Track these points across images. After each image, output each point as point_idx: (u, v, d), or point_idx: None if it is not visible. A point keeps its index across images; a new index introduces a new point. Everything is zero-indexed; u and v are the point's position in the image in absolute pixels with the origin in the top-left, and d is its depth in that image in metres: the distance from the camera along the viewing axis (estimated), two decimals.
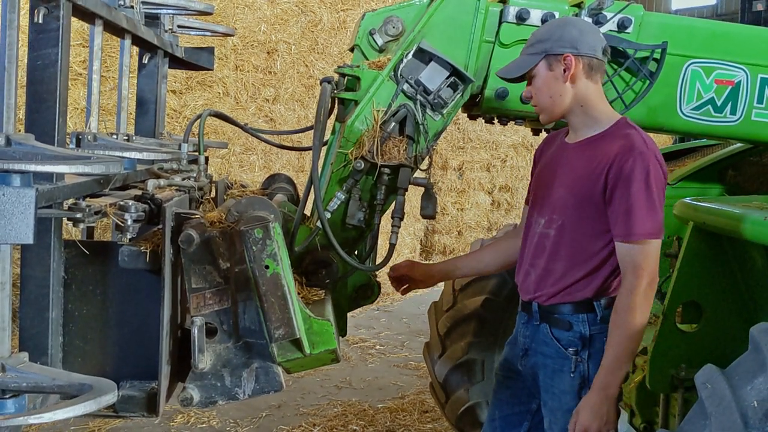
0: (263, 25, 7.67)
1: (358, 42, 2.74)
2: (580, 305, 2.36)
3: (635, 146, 2.25)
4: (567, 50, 2.31)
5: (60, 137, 1.90)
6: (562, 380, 2.37)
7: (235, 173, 7.42)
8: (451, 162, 10.15)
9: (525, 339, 2.52)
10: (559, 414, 2.38)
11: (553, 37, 2.32)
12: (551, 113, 2.40)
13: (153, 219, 2.07)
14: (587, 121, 2.39)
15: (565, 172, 2.40)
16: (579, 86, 2.35)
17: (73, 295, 2.09)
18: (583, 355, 2.35)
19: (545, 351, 2.43)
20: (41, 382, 1.67)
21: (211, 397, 2.12)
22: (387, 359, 6.11)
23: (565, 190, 2.37)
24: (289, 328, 2.03)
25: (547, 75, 2.34)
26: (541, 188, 2.50)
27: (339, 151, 2.59)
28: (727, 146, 3.78)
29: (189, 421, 4.61)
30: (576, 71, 2.32)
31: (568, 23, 2.38)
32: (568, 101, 2.36)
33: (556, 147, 2.51)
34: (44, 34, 1.87)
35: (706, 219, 2.58)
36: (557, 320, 2.39)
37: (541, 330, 2.44)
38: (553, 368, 2.40)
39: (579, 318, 2.36)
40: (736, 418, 1.81)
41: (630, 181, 2.22)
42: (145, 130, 2.93)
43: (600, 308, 2.35)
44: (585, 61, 2.33)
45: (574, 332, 2.37)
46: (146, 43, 2.70)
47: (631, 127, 2.35)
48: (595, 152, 2.32)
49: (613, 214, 2.27)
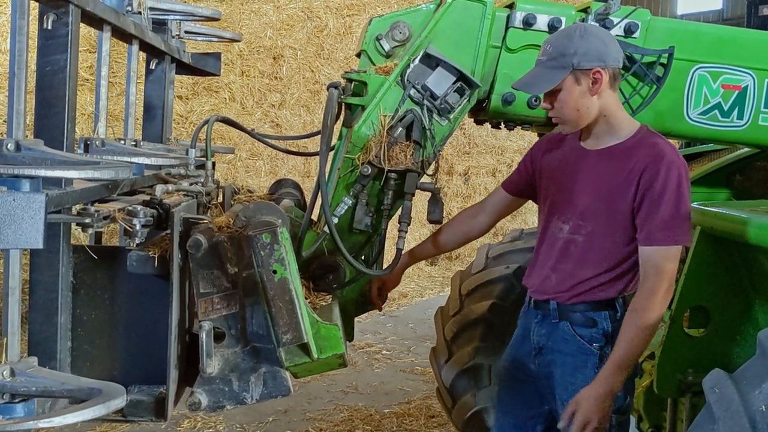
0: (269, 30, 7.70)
1: (364, 47, 2.75)
2: (603, 303, 2.40)
3: (665, 155, 2.28)
4: (595, 64, 2.28)
5: (69, 143, 1.91)
6: (585, 376, 2.36)
7: (241, 178, 7.44)
8: (456, 167, 10.15)
9: (539, 337, 2.51)
10: None
11: (579, 51, 2.27)
12: (576, 125, 2.40)
13: (161, 224, 2.08)
14: (609, 130, 2.39)
15: (590, 179, 2.40)
16: (604, 98, 2.34)
17: (82, 299, 2.10)
18: (606, 350, 2.37)
19: (564, 349, 2.43)
20: (50, 387, 1.68)
21: (219, 402, 2.13)
22: (393, 364, 6.10)
23: (592, 197, 2.38)
24: (296, 332, 2.03)
25: (574, 89, 2.31)
26: (560, 193, 2.48)
27: (346, 156, 2.59)
28: (734, 151, 3.77)
29: (196, 426, 4.62)
30: (603, 85, 2.31)
31: (590, 34, 2.32)
32: (594, 113, 2.36)
33: (571, 151, 2.49)
34: (53, 40, 1.88)
35: (714, 224, 2.57)
36: (580, 318, 2.41)
37: (560, 328, 2.44)
38: (574, 365, 2.41)
39: (602, 315, 2.40)
40: (745, 422, 1.80)
41: (662, 189, 2.25)
42: (153, 136, 2.94)
43: (620, 307, 2.40)
44: (610, 73, 2.33)
45: (598, 329, 2.39)
46: (154, 48, 2.71)
47: (656, 135, 2.38)
48: (624, 162, 2.33)
49: (642, 220, 2.29)
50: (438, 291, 8.59)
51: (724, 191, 3.64)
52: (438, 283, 9.05)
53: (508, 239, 4.11)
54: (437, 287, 8.79)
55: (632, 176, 2.30)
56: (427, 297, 8.41)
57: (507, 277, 3.76)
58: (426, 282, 9.08)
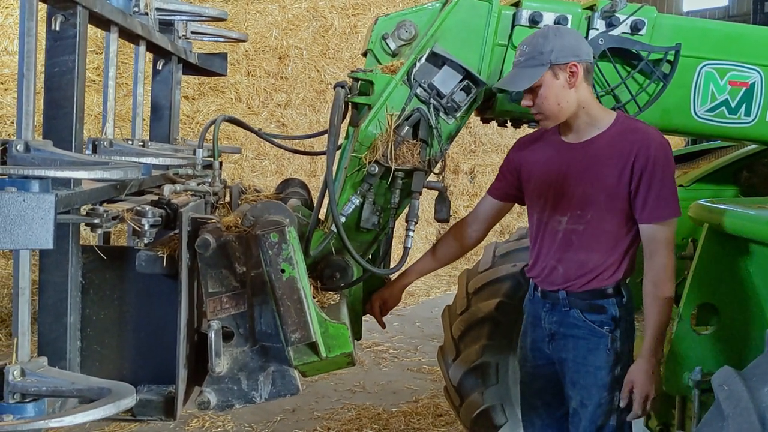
0: (275, 30, 7.71)
1: (371, 46, 2.75)
2: (610, 290, 2.53)
3: (652, 137, 2.46)
4: (571, 59, 2.42)
5: (77, 143, 1.92)
6: (598, 356, 2.53)
7: (247, 178, 7.45)
8: (462, 166, 10.15)
9: (551, 325, 2.64)
10: (594, 390, 2.52)
11: (555, 48, 2.41)
12: (557, 119, 2.52)
13: (169, 224, 2.09)
14: (590, 121, 2.52)
15: (582, 170, 2.51)
16: (580, 90, 2.48)
17: (91, 299, 2.11)
18: (616, 334, 2.53)
19: (576, 333, 2.57)
20: (60, 386, 1.69)
21: (228, 401, 2.13)
22: (401, 363, 6.10)
23: (588, 187, 2.49)
24: (305, 331, 2.04)
25: (553, 84, 2.44)
26: (553, 188, 2.58)
27: (353, 156, 2.59)
28: (741, 148, 3.76)
29: (204, 425, 4.63)
30: (579, 78, 2.44)
31: (563, 32, 2.47)
32: (573, 106, 2.49)
33: (555, 148, 2.60)
34: (61, 41, 1.89)
35: (722, 221, 2.57)
36: (590, 305, 2.55)
37: (571, 315, 2.58)
38: (587, 347, 2.54)
39: (610, 302, 2.54)
40: (754, 419, 1.80)
41: (656, 169, 2.42)
42: (160, 136, 2.95)
43: (626, 291, 2.56)
44: (584, 66, 2.45)
45: (608, 315, 2.53)
46: (160, 49, 2.72)
47: (635, 121, 2.57)
48: (613, 148, 2.47)
49: (642, 200, 2.44)
50: (445, 290, 8.59)
51: (731, 188, 3.63)
52: (444, 281, 9.05)
53: (514, 237, 4.10)
54: (444, 286, 8.78)
55: (625, 160, 2.44)
56: (434, 296, 8.41)
57: (514, 276, 3.75)
58: (432, 281, 9.08)
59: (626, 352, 2.56)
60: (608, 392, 2.53)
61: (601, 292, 2.53)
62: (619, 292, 2.55)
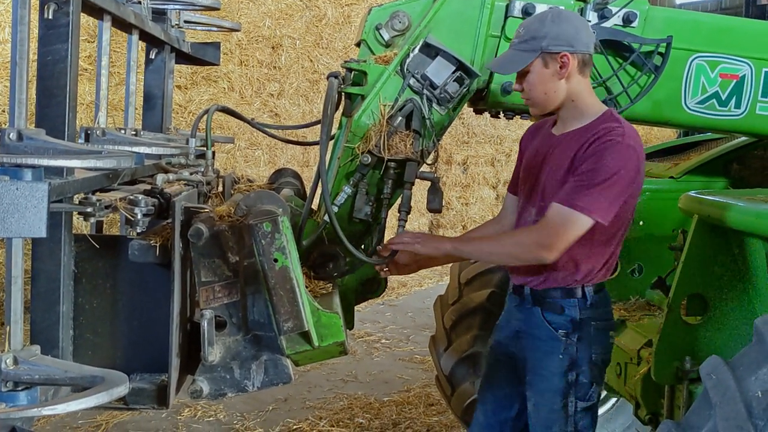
0: (268, 20, 7.68)
1: (364, 37, 2.74)
2: (571, 290, 2.44)
3: (613, 135, 2.29)
4: (563, 48, 2.33)
5: (70, 132, 1.92)
6: (552, 362, 2.45)
7: (240, 168, 7.44)
8: (455, 157, 10.16)
9: (517, 321, 2.58)
10: (548, 395, 2.46)
11: (549, 34, 2.33)
12: (544, 108, 2.46)
13: (162, 213, 2.09)
14: (576, 114, 2.43)
15: (552, 163, 2.44)
16: (572, 82, 2.39)
17: (84, 288, 2.11)
18: (573, 337, 2.43)
19: (537, 333, 2.50)
20: (53, 375, 1.69)
21: (221, 390, 2.14)
22: (392, 353, 6.13)
23: (553, 179, 2.41)
24: (297, 320, 2.05)
25: (542, 72, 2.37)
26: (529, 178, 2.54)
27: (346, 146, 2.60)
28: (732, 140, 3.78)
29: (196, 415, 4.64)
30: (571, 69, 2.36)
31: (562, 19, 2.37)
32: (561, 97, 2.41)
33: (542, 137, 2.55)
34: (54, 29, 1.88)
35: (711, 212, 2.59)
36: (549, 304, 2.47)
37: (534, 313, 2.50)
38: (544, 350, 2.47)
39: (570, 302, 2.44)
40: (741, 408, 1.82)
41: (587, 158, 2.28)
42: (152, 125, 2.94)
43: (590, 294, 2.44)
44: (579, 58, 2.37)
45: (566, 316, 2.44)
46: (153, 38, 2.71)
47: (615, 119, 2.38)
48: (578, 141, 2.37)
49: (568, 183, 2.30)
50: (437, 280, 8.61)
51: (721, 180, 3.65)
52: (437, 272, 9.06)
53: None
54: (436, 276, 8.80)
55: (575, 152, 2.34)
56: (426, 286, 8.43)
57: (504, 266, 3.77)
58: (425, 271, 9.05)
59: (586, 358, 2.43)
60: (561, 398, 2.43)
61: (561, 291, 2.44)
62: (582, 294, 2.43)
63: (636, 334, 3.16)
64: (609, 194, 2.26)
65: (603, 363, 2.50)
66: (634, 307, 3.46)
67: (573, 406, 2.43)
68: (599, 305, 2.46)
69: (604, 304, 2.50)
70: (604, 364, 2.51)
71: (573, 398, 2.43)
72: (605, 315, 2.50)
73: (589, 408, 2.47)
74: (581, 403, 2.44)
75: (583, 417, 2.45)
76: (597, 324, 2.45)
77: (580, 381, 2.43)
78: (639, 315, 3.35)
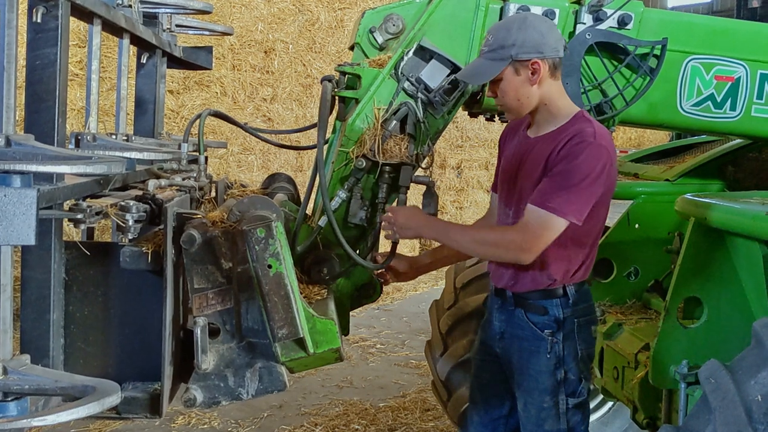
0: (260, 24, 7.66)
1: (358, 40, 2.73)
2: (553, 291, 2.45)
3: (584, 137, 2.31)
4: (533, 55, 2.34)
5: (60, 137, 1.89)
6: (538, 361, 2.46)
7: (233, 173, 7.41)
8: (449, 161, 10.15)
9: (500, 323, 2.59)
10: (535, 394, 2.47)
11: (517, 42, 2.33)
12: (518, 113, 2.47)
13: (154, 219, 2.07)
14: (549, 117, 2.44)
15: (528, 166, 2.45)
16: (544, 87, 2.40)
17: (75, 296, 2.08)
18: (558, 336, 2.45)
19: (520, 334, 2.51)
20: (44, 384, 1.66)
21: (215, 398, 2.12)
22: (388, 358, 6.10)
23: (528, 182, 2.42)
24: (292, 327, 2.02)
25: (514, 79, 2.38)
26: (506, 181, 2.56)
27: (340, 150, 2.58)
28: (726, 142, 3.77)
29: (190, 423, 4.60)
30: (543, 75, 2.37)
31: (528, 25, 2.37)
32: (535, 102, 2.42)
33: (519, 140, 2.56)
34: (43, 33, 1.86)
35: (708, 215, 2.58)
36: (532, 306, 2.48)
37: (517, 314, 2.52)
38: (530, 350, 2.48)
39: (553, 303, 2.46)
40: (741, 412, 1.81)
41: (561, 160, 2.30)
42: (144, 131, 2.92)
43: (572, 293, 2.46)
44: (549, 63, 2.38)
45: (549, 316, 2.46)
46: (145, 42, 2.69)
47: (586, 121, 2.40)
48: (551, 143, 2.38)
49: (542, 184, 2.32)
50: (432, 284, 8.59)
51: (716, 182, 3.64)
52: (432, 276, 9.03)
53: None
54: (431, 280, 8.78)
55: (548, 155, 2.35)
56: (421, 290, 8.41)
57: None
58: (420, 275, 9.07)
59: (572, 355, 2.45)
60: (551, 396, 2.45)
61: (542, 293, 2.45)
62: (564, 293, 2.45)
63: (633, 337, 3.14)
64: (582, 195, 2.28)
65: (589, 358, 2.53)
66: (630, 311, 3.45)
67: (564, 404, 2.46)
68: (581, 302, 2.49)
69: (585, 300, 2.52)
70: (590, 359, 2.54)
71: (563, 396, 2.46)
72: (587, 311, 2.52)
73: (579, 404, 2.48)
74: (572, 400, 2.47)
75: (574, 413, 2.47)
76: (580, 320, 2.48)
77: (568, 378, 2.46)
78: (636, 318, 3.34)
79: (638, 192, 3.54)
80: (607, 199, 2.43)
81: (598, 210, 2.39)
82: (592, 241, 2.47)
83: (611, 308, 3.45)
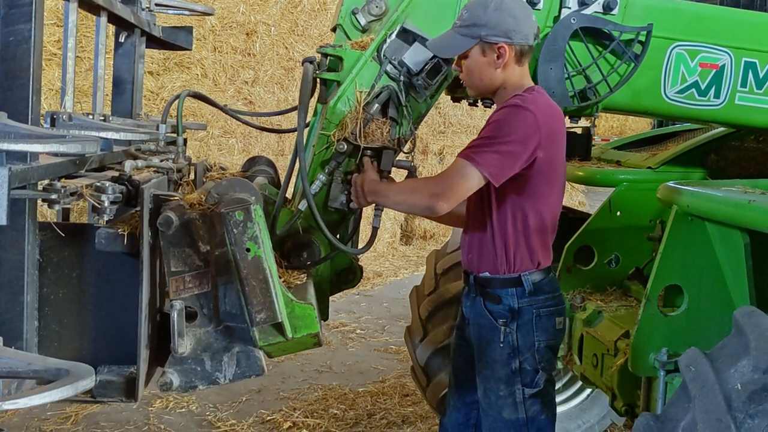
0: (242, 5, 7.58)
1: (340, 21, 2.69)
2: (508, 280, 2.47)
3: (514, 101, 2.36)
4: (501, 40, 2.36)
5: (34, 116, 1.86)
6: (494, 350, 2.49)
7: (213, 156, 7.34)
8: (431, 146, 10.12)
9: (466, 309, 2.63)
10: (492, 382, 2.50)
11: (489, 23, 2.34)
12: (479, 92, 2.54)
13: (131, 201, 2.03)
14: (505, 97, 2.46)
15: None
16: (508, 72, 2.42)
17: (49, 278, 2.05)
18: (511, 326, 2.47)
19: (481, 322, 2.54)
20: (16, 367, 1.63)
21: (191, 382, 2.09)
22: (367, 343, 6.09)
23: None
24: (270, 311, 2.00)
25: (479, 59, 2.41)
26: None
27: (321, 133, 2.54)
28: (709, 130, 3.77)
29: (168, 406, 4.57)
30: (508, 60, 2.39)
31: (504, 8, 2.36)
32: (497, 85, 2.45)
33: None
34: (16, 9, 1.82)
35: (690, 203, 2.57)
36: (489, 294, 2.51)
37: (477, 302, 2.55)
38: (487, 338, 2.51)
39: (508, 292, 2.47)
40: (720, 400, 1.81)
41: (490, 125, 2.36)
42: (122, 111, 2.87)
43: (528, 282, 2.46)
44: (516, 49, 2.39)
45: (504, 305, 2.48)
46: (123, 21, 2.64)
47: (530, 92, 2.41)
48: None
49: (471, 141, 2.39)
50: (412, 270, 8.59)
51: (699, 171, 3.64)
52: (412, 262, 9.05)
53: None
54: (411, 266, 8.78)
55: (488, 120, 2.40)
56: (402, 276, 8.40)
57: None
58: (400, 261, 9.06)
59: (527, 345, 2.46)
60: (506, 385, 2.47)
61: (500, 281, 2.47)
62: (519, 283, 2.45)
63: (613, 325, 3.14)
64: (502, 154, 2.30)
65: (549, 349, 2.52)
66: (611, 298, 3.45)
67: (520, 393, 2.47)
68: (540, 292, 2.48)
69: (548, 291, 2.50)
70: (551, 350, 2.54)
71: (519, 386, 2.47)
72: (549, 302, 2.51)
73: (537, 394, 2.49)
74: (528, 390, 2.48)
75: (533, 403, 2.48)
76: (539, 311, 2.47)
77: (524, 368, 2.46)
78: (616, 306, 3.33)
79: (620, 179, 3.53)
80: (551, 176, 2.42)
81: (544, 189, 2.41)
82: (546, 230, 2.48)
83: (591, 295, 3.45)
